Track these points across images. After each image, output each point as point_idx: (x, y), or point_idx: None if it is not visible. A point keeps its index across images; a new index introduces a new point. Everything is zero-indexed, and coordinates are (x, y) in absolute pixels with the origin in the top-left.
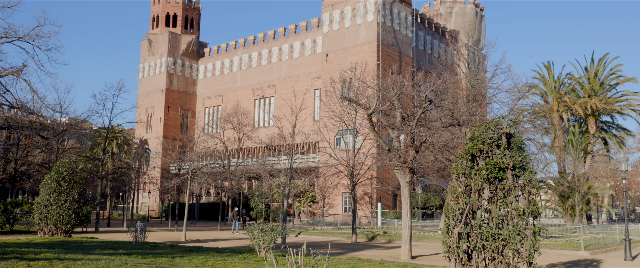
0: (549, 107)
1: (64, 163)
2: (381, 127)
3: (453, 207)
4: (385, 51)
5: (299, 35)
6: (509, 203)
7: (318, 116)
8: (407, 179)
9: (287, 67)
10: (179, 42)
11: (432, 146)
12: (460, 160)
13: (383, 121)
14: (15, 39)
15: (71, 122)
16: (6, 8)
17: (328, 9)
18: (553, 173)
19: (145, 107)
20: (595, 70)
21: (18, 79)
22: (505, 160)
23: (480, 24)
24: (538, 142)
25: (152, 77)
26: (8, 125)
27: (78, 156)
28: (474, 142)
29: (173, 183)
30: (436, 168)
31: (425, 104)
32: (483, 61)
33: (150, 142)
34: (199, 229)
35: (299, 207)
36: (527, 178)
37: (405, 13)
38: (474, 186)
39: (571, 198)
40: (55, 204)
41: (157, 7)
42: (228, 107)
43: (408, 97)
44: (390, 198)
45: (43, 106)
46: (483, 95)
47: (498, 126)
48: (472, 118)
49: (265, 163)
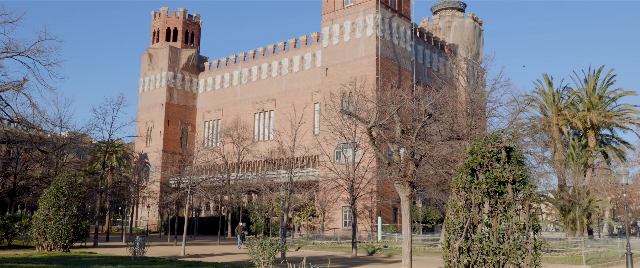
0: (549, 121)
1: (64, 177)
2: (381, 141)
3: (453, 221)
4: (385, 65)
5: (298, 50)
6: (510, 217)
7: (318, 130)
8: (407, 193)
9: (287, 81)
10: (179, 56)
11: (432, 160)
12: (460, 174)
13: (383, 135)
14: (16, 53)
15: (71, 136)
16: (8, 23)
17: (328, 23)
18: (553, 186)
19: (145, 121)
20: (593, 84)
21: (18, 93)
22: (505, 174)
23: (479, 38)
24: (538, 155)
25: (152, 91)
26: (8, 140)
27: (77, 170)
28: (473, 156)
29: (172, 198)
30: (436, 182)
31: (424, 117)
32: (482, 75)
33: (150, 156)
34: (199, 244)
35: (299, 221)
36: (527, 192)
37: (405, 27)
38: (474, 200)
39: (572, 211)
40: (54, 219)
41: (157, 22)
42: (228, 120)
43: (408, 111)
44: (390, 212)
45: (43, 120)
46: (482, 109)
47: (498, 140)
48: (472, 132)
49: (265, 177)
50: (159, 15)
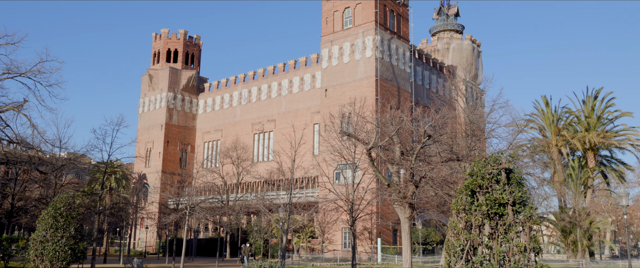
0: (548, 142)
1: (62, 198)
2: (380, 162)
3: (454, 243)
4: (384, 86)
5: (298, 71)
6: (510, 239)
7: (317, 151)
8: (407, 214)
9: (286, 102)
10: (179, 77)
11: (431, 181)
12: (460, 196)
13: (382, 156)
14: (17, 74)
15: (70, 156)
16: (10, 44)
17: (327, 45)
18: (554, 208)
19: (145, 142)
20: (591, 105)
21: (19, 114)
22: (505, 196)
23: (477, 59)
24: (538, 176)
25: (152, 112)
26: (7, 160)
27: (76, 191)
28: (473, 178)
29: (171, 219)
30: (436, 203)
31: (424, 138)
32: (481, 96)
33: (148, 177)
34: (197, 265)
35: (298, 242)
36: (527, 214)
37: (403, 49)
38: (474, 222)
39: (573, 233)
40: (52, 240)
41: (158, 44)
42: (227, 141)
43: (407, 132)
44: (390, 234)
45: (42, 141)
46: (481, 130)
47: (497, 161)
48: (471, 153)
49: (264, 198)
50: (160, 36)
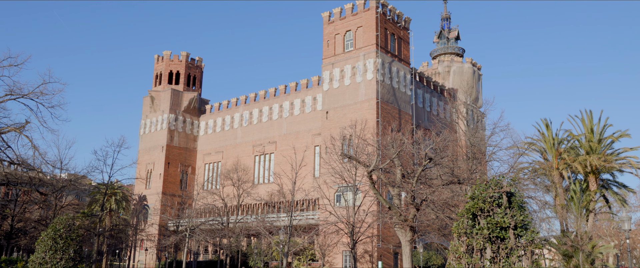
0: (549, 165)
1: (62, 220)
2: (381, 185)
3: (455, 267)
4: (385, 109)
5: (299, 93)
6: (512, 263)
7: (318, 173)
8: (408, 237)
9: (287, 123)
10: (181, 99)
11: (432, 204)
12: (461, 219)
13: (383, 178)
14: (19, 96)
15: (70, 178)
16: (13, 66)
17: (328, 67)
18: (556, 231)
19: (145, 163)
20: (592, 127)
21: (20, 135)
22: (507, 220)
23: (478, 82)
24: (539, 200)
25: (153, 133)
26: (7, 181)
27: (76, 212)
28: (474, 201)
29: (171, 241)
30: (437, 226)
31: (425, 161)
32: (482, 119)
33: (149, 198)
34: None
35: (299, 265)
36: (529, 237)
37: (404, 72)
38: (475, 246)
39: (575, 257)
40: (51, 262)
41: (160, 66)
42: (228, 163)
43: (408, 155)
44: (391, 257)
45: (43, 162)
46: (483, 153)
47: (498, 185)
48: (472, 176)
49: (265, 221)
50: (162, 58)
